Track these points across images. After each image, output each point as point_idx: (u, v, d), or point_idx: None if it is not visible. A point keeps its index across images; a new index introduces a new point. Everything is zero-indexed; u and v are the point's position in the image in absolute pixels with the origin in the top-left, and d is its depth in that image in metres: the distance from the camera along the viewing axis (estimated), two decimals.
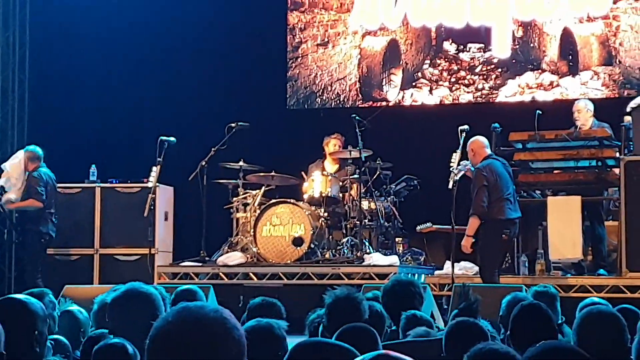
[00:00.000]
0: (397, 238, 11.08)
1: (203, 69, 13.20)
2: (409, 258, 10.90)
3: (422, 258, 11.03)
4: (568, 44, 12.32)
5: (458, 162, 9.52)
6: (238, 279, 10.62)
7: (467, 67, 12.78)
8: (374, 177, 10.96)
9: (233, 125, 11.00)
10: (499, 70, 12.65)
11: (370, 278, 9.97)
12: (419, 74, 12.96)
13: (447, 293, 9.63)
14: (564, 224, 9.70)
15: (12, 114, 13.19)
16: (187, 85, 13.24)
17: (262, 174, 11.09)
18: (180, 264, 11.00)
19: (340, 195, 10.89)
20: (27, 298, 3.66)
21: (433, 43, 12.95)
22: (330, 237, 10.81)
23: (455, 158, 9.51)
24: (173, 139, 10.76)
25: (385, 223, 10.95)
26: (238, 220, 11.10)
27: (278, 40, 13.38)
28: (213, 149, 10.91)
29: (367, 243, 10.69)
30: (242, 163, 11.06)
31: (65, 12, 13.21)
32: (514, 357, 2.97)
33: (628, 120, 9.82)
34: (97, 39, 13.28)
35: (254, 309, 4.89)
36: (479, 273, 9.45)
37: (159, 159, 10.71)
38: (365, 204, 10.81)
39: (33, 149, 10.81)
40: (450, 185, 9.35)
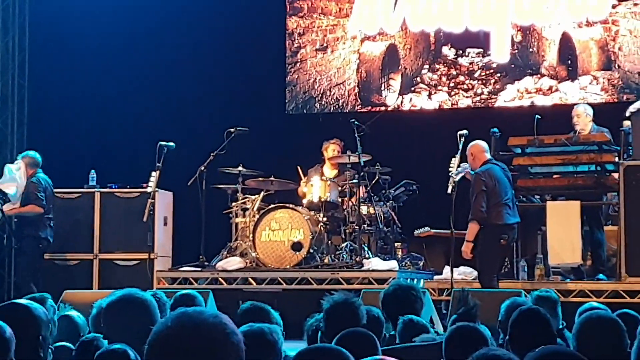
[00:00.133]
0: (396, 243, 11.08)
1: (202, 74, 13.21)
2: (408, 263, 10.89)
3: (421, 263, 11.03)
4: (567, 49, 12.33)
5: (457, 166, 9.52)
6: (237, 284, 10.62)
7: (466, 71, 12.79)
8: (373, 182, 10.96)
9: (232, 130, 11.01)
10: (498, 75, 12.65)
11: (370, 283, 9.98)
12: (418, 79, 12.97)
13: (446, 298, 9.61)
14: (563, 229, 9.69)
15: (11, 119, 13.19)
16: (186, 91, 13.25)
17: (261, 179, 11.09)
18: (180, 269, 11.00)
19: (339, 200, 10.89)
20: (30, 303, 3.67)
21: (432, 48, 12.96)
22: (329, 242, 10.80)
23: (454, 163, 9.52)
24: (172, 144, 10.76)
25: (384, 228, 10.94)
26: (237, 225, 11.10)
27: (277, 45, 13.38)
28: (212, 154, 10.91)
29: (366, 248, 10.69)
30: (241, 168, 11.06)
31: (65, 17, 13.21)
32: None
33: (627, 125, 9.82)
34: (96, 44, 13.28)
35: (244, 314, 4.87)
36: (478, 278, 9.45)
37: (158, 164, 10.71)
38: (364, 209, 10.82)
39: (33, 155, 10.80)
40: (449, 190, 9.35)
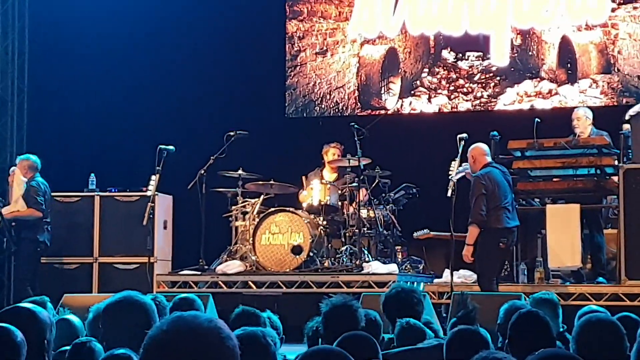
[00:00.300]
0: (396, 246, 11.07)
1: (202, 78, 13.21)
2: (408, 266, 10.89)
3: (421, 266, 11.03)
4: (567, 52, 12.33)
5: (457, 169, 9.52)
6: (237, 288, 10.61)
7: (465, 75, 12.79)
8: (373, 185, 10.96)
9: (232, 134, 11.01)
10: (498, 79, 12.65)
11: (369, 286, 9.96)
12: (418, 82, 12.97)
13: (446, 301, 9.61)
14: (563, 232, 9.69)
15: (11, 123, 13.18)
16: (186, 94, 13.25)
17: (261, 183, 11.09)
18: (179, 273, 11.00)
19: (339, 204, 10.89)
20: (34, 307, 3.67)
21: (432, 51, 12.96)
22: (329, 245, 10.80)
23: (454, 166, 9.52)
24: (172, 148, 10.76)
25: (384, 231, 10.94)
26: (237, 229, 11.10)
27: (277, 49, 13.38)
28: (212, 158, 10.91)
29: (366, 251, 10.68)
30: (241, 171, 11.06)
31: (64, 21, 13.21)
32: None
33: (627, 128, 9.82)
34: (96, 48, 13.29)
35: (235, 320, 4.86)
36: (477, 281, 9.45)
37: (158, 168, 10.71)
38: (364, 212, 10.81)
39: (34, 159, 10.79)
40: (449, 194, 9.34)
